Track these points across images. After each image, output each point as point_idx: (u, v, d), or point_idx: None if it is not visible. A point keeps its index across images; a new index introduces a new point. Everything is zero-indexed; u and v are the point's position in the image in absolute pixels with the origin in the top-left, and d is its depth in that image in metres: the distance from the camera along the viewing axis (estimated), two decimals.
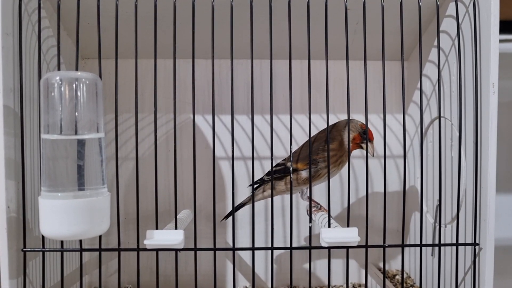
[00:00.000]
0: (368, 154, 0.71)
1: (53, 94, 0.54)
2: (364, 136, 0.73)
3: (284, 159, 0.79)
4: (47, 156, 0.55)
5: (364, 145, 0.73)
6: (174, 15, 0.64)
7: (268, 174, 0.78)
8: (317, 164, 0.73)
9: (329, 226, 0.65)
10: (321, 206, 0.75)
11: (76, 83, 0.55)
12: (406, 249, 0.93)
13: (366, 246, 0.66)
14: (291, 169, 0.69)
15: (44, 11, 0.70)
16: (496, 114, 0.62)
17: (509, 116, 1.05)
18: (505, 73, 0.80)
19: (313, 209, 0.74)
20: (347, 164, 0.70)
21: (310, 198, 0.70)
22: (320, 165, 0.73)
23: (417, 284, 0.87)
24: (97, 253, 0.66)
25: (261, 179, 0.79)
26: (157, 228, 0.64)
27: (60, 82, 0.55)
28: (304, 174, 0.74)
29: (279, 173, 0.76)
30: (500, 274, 0.68)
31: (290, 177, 0.69)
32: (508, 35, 1.02)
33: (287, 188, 0.76)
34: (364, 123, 0.71)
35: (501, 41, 0.64)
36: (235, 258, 0.68)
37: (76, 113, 0.55)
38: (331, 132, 0.75)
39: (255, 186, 0.79)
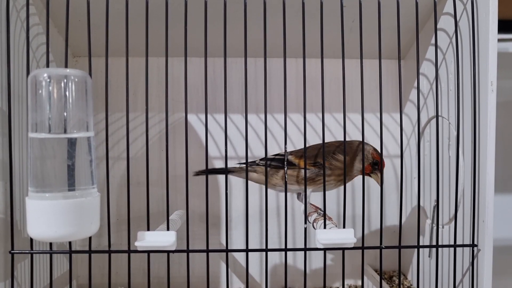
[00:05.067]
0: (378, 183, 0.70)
1: (41, 91, 0.53)
2: (375, 167, 0.71)
3: (289, 152, 0.75)
4: (35, 156, 0.54)
5: (373, 175, 0.72)
6: (166, 12, 0.62)
7: (262, 159, 0.75)
8: (320, 167, 0.70)
9: (324, 227, 0.64)
10: (320, 212, 0.73)
11: (65, 80, 0.54)
12: (403, 250, 0.92)
13: (363, 248, 0.65)
14: (285, 163, 0.67)
15: (34, 7, 0.69)
16: (494, 113, 0.61)
17: (506, 115, 1.04)
18: (502, 72, 0.79)
19: (313, 215, 0.72)
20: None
21: (305, 200, 0.69)
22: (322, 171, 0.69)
23: (414, 285, 0.86)
24: (88, 254, 0.65)
25: (254, 162, 0.75)
26: (148, 229, 0.63)
27: (48, 80, 0.53)
28: (303, 172, 0.70)
29: (277, 162, 0.72)
30: (497, 274, 0.67)
31: (285, 172, 0.66)
32: (505, 35, 1.01)
33: (281, 182, 0.72)
34: (378, 149, 0.70)
35: (498, 40, 0.62)
36: (229, 260, 0.67)
37: (65, 112, 0.54)
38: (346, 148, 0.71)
39: (242, 165, 0.75)
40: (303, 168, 0.69)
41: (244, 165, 0.74)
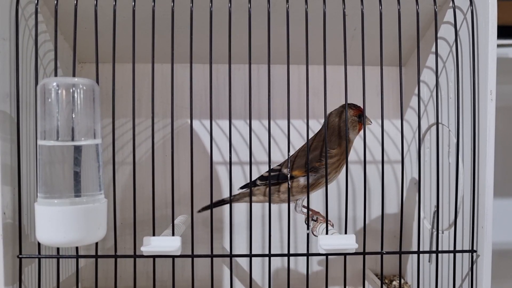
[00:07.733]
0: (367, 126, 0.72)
1: (50, 100, 0.54)
2: (361, 119, 0.73)
3: (279, 165, 0.76)
4: (44, 162, 0.55)
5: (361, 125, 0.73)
6: (172, 20, 0.64)
7: (261, 179, 0.75)
8: (317, 171, 0.71)
9: (326, 233, 0.65)
10: (318, 217, 0.74)
11: (73, 89, 0.55)
12: (403, 255, 0.93)
13: (364, 253, 0.66)
14: (288, 176, 0.68)
15: (41, 15, 0.70)
16: (493, 121, 0.62)
17: (505, 120, 1.06)
18: (502, 78, 0.80)
19: (312, 222, 0.73)
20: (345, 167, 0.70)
21: (308, 207, 0.70)
22: (321, 172, 0.70)
23: None
24: (93, 258, 0.66)
25: (254, 182, 0.75)
26: (154, 234, 0.64)
27: (57, 88, 0.54)
28: (302, 181, 0.71)
29: (273, 179, 0.72)
30: (496, 278, 0.68)
31: (288, 184, 0.68)
32: (505, 40, 1.02)
33: (279, 198, 0.73)
34: (349, 105, 0.73)
35: (498, 46, 0.63)
36: (232, 264, 0.68)
37: (73, 119, 0.55)
38: (331, 136, 0.73)
39: (244, 188, 0.77)
40: (300, 176, 0.71)
41: (244, 190, 0.77)
